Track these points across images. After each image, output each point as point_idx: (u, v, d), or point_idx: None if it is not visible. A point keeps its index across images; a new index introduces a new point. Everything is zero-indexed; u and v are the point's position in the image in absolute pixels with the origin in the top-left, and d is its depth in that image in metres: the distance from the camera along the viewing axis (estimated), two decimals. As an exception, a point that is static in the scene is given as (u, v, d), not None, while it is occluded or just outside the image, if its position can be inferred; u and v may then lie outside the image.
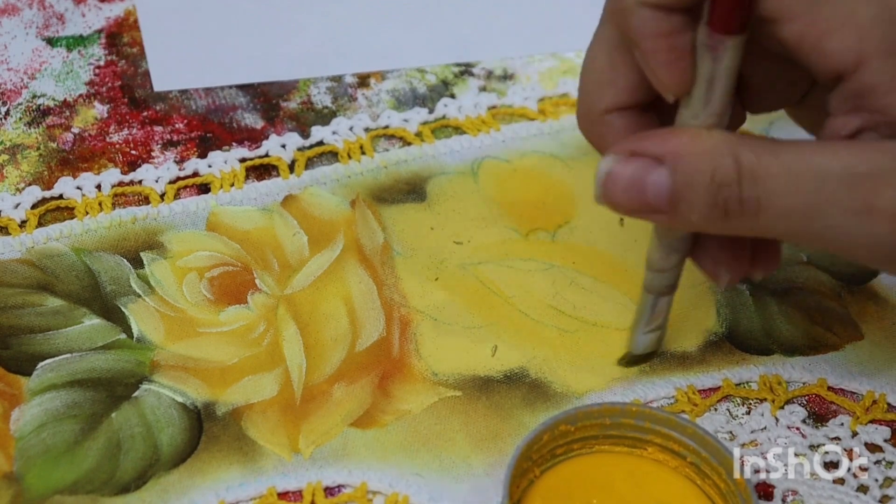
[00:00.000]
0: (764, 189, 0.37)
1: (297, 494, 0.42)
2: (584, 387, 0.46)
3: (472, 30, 0.62)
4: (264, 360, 0.46)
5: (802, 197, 0.36)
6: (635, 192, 0.38)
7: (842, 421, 0.45)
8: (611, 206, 0.39)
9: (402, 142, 0.55)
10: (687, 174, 0.37)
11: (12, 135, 0.54)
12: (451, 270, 0.50)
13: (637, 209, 0.39)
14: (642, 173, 0.38)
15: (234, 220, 0.51)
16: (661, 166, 0.38)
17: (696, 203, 0.37)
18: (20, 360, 0.45)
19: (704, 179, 0.37)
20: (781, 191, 0.36)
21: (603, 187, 0.39)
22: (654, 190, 0.38)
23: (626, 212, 0.39)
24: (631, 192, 0.38)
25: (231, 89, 0.57)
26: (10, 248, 0.49)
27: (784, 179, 0.36)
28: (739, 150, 0.37)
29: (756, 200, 0.37)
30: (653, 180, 0.38)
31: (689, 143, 0.38)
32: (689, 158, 0.37)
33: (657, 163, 0.38)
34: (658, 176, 0.38)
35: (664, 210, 0.38)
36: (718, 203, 0.37)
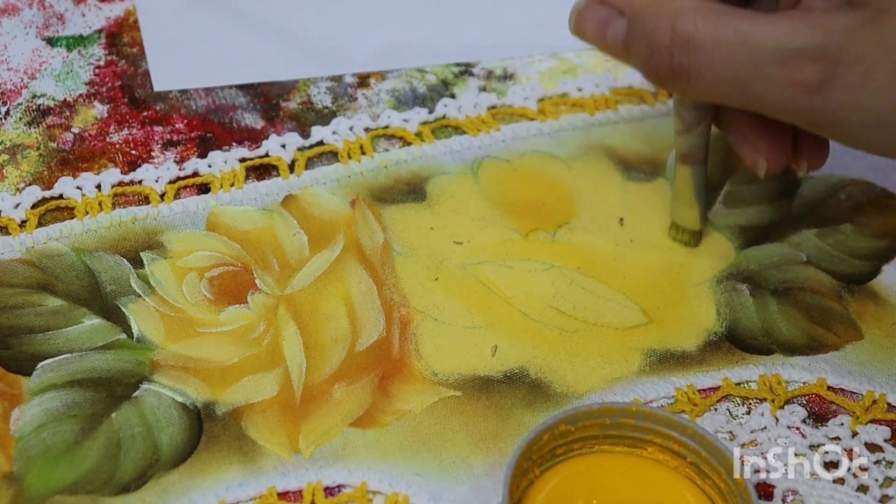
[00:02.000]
0: (695, 58, 0.40)
1: (297, 494, 0.42)
2: (584, 387, 0.46)
3: (472, 30, 0.61)
4: (264, 360, 0.46)
5: (734, 67, 0.40)
6: (599, 35, 0.43)
7: (842, 421, 0.45)
8: (581, 38, 0.44)
9: (402, 142, 0.55)
10: (633, 32, 0.42)
11: (12, 135, 0.54)
12: (451, 270, 0.50)
13: (602, 48, 0.44)
14: (606, 20, 0.43)
15: (234, 220, 0.51)
16: (622, 18, 0.42)
17: (639, 60, 0.42)
18: (20, 360, 0.45)
19: (643, 42, 0.41)
20: (713, 61, 0.40)
21: (574, 22, 0.44)
22: (612, 38, 0.43)
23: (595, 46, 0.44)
24: (596, 34, 0.43)
25: (231, 89, 0.57)
26: (10, 248, 0.49)
27: (717, 51, 0.40)
28: (679, 18, 0.40)
29: (686, 68, 0.40)
30: (612, 29, 0.43)
31: (646, 3, 0.42)
32: (637, 18, 0.42)
33: (619, 14, 0.42)
34: (617, 27, 0.43)
35: (622, 55, 0.43)
36: (653, 65, 0.41)
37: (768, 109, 0.41)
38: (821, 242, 0.52)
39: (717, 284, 0.50)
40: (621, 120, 0.57)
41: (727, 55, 0.40)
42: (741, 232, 0.52)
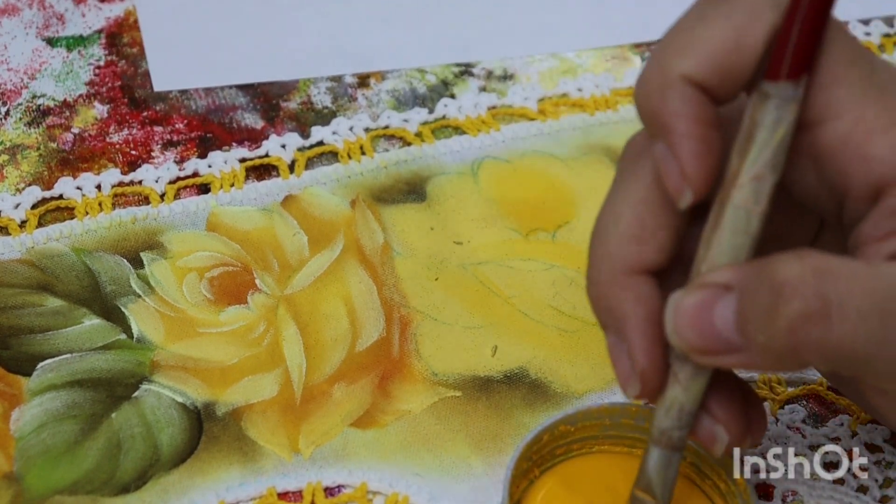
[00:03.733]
0: (835, 287, 0.33)
1: (297, 494, 0.42)
2: (584, 387, 0.46)
3: (472, 30, 0.61)
4: (264, 360, 0.46)
5: (878, 300, 0.33)
6: (703, 322, 0.35)
7: (842, 421, 0.45)
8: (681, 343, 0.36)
9: (402, 142, 0.55)
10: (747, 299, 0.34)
11: (12, 135, 0.54)
12: (451, 270, 0.50)
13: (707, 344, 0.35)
14: (710, 301, 0.35)
15: (234, 220, 0.51)
16: (729, 293, 0.35)
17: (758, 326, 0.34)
18: (20, 360, 0.45)
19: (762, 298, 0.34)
20: (853, 291, 0.33)
21: (673, 323, 0.36)
22: (721, 318, 0.35)
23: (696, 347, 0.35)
24: (699, 322, 0.35)
25: (231, 89, 0.57)
26: (10, 248, 0.49)
27: (856, 281, 0.33)
28: (807, 255, 0.34)
29: (825, 300, 0.33)
30: (720, 308, 0.35)
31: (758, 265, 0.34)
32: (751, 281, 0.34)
33: (726, 290, 0.35)
34: (725, 302, 0.35)
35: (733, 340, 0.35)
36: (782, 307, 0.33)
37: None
38: (821, 242, 0.52)
39: (717, 284, 0.50)
40: (621, 120, 0.57)
41: (869, 286, 0.33)
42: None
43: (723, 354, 0.35)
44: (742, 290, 0.34)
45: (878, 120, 0.35)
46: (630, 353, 0.37)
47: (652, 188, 0.37)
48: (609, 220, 0.38)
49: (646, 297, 0.37)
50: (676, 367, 0.37)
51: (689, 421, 0.37)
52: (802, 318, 0.33)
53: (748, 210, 0.35)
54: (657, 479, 0.38)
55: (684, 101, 0.35)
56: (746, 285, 0.34)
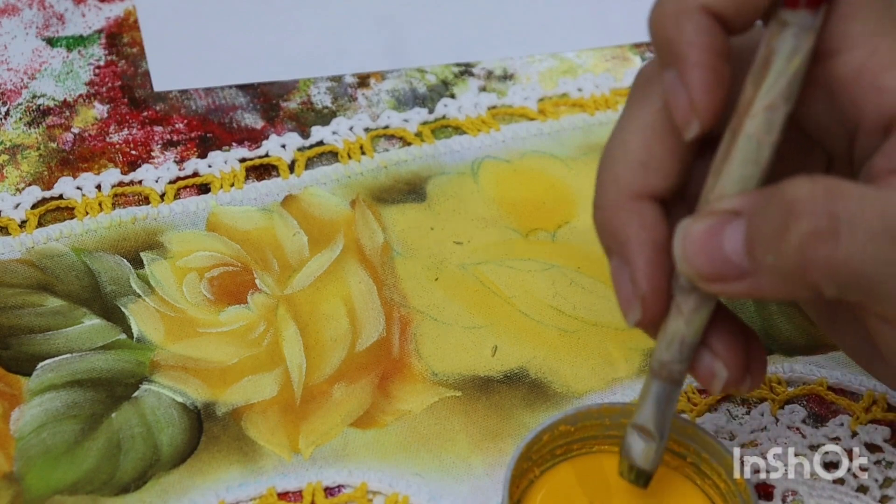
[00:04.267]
0: (845, 207, 0.33)
1: (297, 495, 0.42)
2: (584, 387, 0.46)
3: (472, 30, 0.61)
4: (264, 360, 0.46)
5: (890, 221, 0.33)
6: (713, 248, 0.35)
7: (842, 421, 0.45)
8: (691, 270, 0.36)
9: (402, 142, 0.55)
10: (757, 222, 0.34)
11: (12, 135, 0.54)
12: (451, 270, 0.50)
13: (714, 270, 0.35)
14: (719, 227, 0.35)
15: (234, 220, 0.51)
16: (738, 218, 0.35)
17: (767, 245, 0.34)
18: (20, 360, 0.45)
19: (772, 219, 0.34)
20: (864, 212, 0.33)
21: (682, 249, 0.36)
22: (731, 244, 0.35)
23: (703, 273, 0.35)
24: (708, 248, 0.35)
25: (231, 89, 0.57)
26: (10, 248, 0.49)
27: (867, 202, 0.33)
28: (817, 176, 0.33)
29: (835, 219, 0.33)
30: (729, 233, 0.35)
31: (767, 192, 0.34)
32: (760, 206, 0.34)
33: (735, 215, 0.35)
34: (734, 227, 0.35)
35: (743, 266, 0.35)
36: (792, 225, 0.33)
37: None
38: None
39: (717, 284, 0.50)
40: (621, 120, 0.57)
41: (880, 207, 0.32)
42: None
43: (731, 281, 0.35)
44: (751, 214, 0.34)
45: (893, 52, 0.35)
46: (632, 277, 0.37)
47: (660, 115, 0.37)
48: (617, 145, 0.38)
49: (651, 223, 0.37)
50: (680, 299, 0.37)
51: (689, 354, 0.37)
52: (812, 235, 0.33)
53: (759, 140, 0.35)
54: (656, 414, 0.38)
55: (699, 29, 0.35)
56: (756, 209, 0.34)
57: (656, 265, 0.37)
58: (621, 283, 0.38)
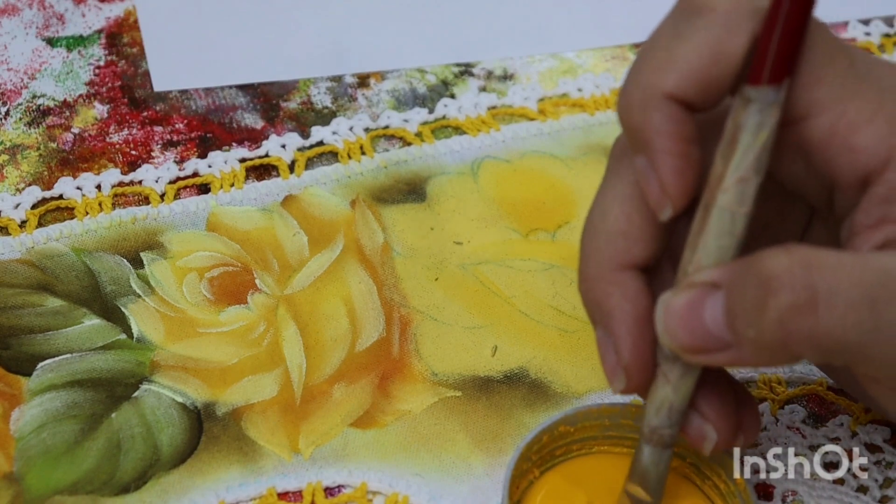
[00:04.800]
0: (822, 278, 0.33)
1: (297, 495, 0.42)
2: (584, 387, 0.46)
3: (472, 30, 0.61)
4: (264, 360, 0.46)
5: (867, 290, 0.33)
6: (694, 321, 0.35)
7: (842, 421, 0.45)
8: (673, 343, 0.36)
9: (402, 142, 0.55)
10: (735, 294, 0.34)
11: (12, 135, 0.54)
12: (451, 270, 0.50)
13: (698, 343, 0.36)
14: (699, 300, 0.35)
15: (234, 221, 0.51)
16: (717, 291, 0.35)
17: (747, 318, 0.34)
18: (20, 360, 0.45)
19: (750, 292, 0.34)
20: (841, 282, 0.33)
21: (663, 324, 0.36)
22: (711, 316, 0.35)
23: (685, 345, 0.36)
24: (689, 321, 0.35)
25: (231, 89, 0.57)
26: (10, 248, 0.49)
27: (843, 271, 0.33)
28: (793, 248, 0.34)
29: (812, 291, 0.33)
30: (710, 305, 0.35)
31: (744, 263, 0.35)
32: (738, 278, 0.35)
33: (714, 287, 0.35)
34: (714, 300, 0.35)
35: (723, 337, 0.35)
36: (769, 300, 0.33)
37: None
38: (821, 243, 0.52)
39: (717, 284, 0.50)
40: (621, 120, 0.57)
41: (858, 276, 0.33)
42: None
43: (714, 352, 0.35)
44: (730, 287, 0.35)
45: (861, 112, 0.36)
46: (616, 348, 0.38)
47: (638, 187, 0.37)
48: (598, 216, 0.39)
49: (633, 294, 0.38)
50: (666, 368, 0.37)
51: (678, 419, 0.38)
52: (791, 309, 0.33)
53: (733, 212, 0.35)
54: (649, 476, 0.39)
55: (665, 118, 0.36)
56: (734, 281, 0.34)
57: (639, 336, 0.37)
58: (606, 353, 0.38)
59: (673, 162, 0.36)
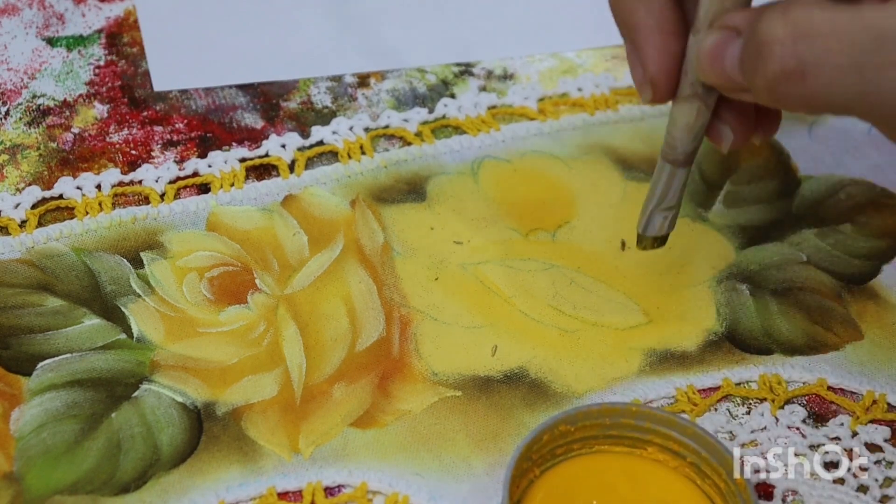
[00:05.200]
0: (812, 47, 0.35)
1: (297, 494, 0.42)
2: (584, 387, 0.46)
3: (472, 30, 0.61)
4: (264, 360, 0.46)
5: (855, 55, 0.35)
6: (718, 63, 0.39)
7: (842, 421, 0.45)
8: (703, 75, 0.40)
9: (402, 142, 0.55)
10: (747, 45, 0.37)
11: (12, 135, 0.54)
12: (451, 270, 0.50)
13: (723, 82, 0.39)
14: (724, 43, 0.38)
15: (234, 220, 0.51)
16: (738, 38, 0.38)
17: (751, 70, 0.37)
18: (20, 360, 0.45)
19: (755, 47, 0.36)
20: (832, 49, 0.35)
21: (698, 61, 0.40)
22: (731, 62, 0.38)
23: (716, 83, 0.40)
24: (714, 63, 0.39)
25: (231, 89, 0.57)
26: (10, 248, 0.49)
27: (836, 37, 0.35)
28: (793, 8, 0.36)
29: (802, 60, 0.35)
30: (730, 51, 0.38)
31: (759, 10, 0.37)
32: (751, 27, 0.37)
33: (737, 34, 0.38)
34: (733, 47, 0.38)
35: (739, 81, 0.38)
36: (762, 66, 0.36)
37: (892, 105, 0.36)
38: (821, 242, 0.52)
39: (717, 284, 0.50)
40: (621, 120, 0.57)
41: (848, 42, 0.35)
42: (741, 232, 0.52)
43: (738, 92, 0.39)
44: (745, 37, 0.37)
45: None
46: (642, 61, 0.41)
47: None
48: None
49: (657, 8, 0.40)
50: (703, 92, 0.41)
51: (700, 136, 0.42)
52: (779, 77, 0.36)
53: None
54: (673, 190, 0.44)
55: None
56: (748, 36, 0.37)
57: (663, 50, 0.40)
58: (634, 66, 0.42)
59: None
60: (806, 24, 0.35)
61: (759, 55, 0.36)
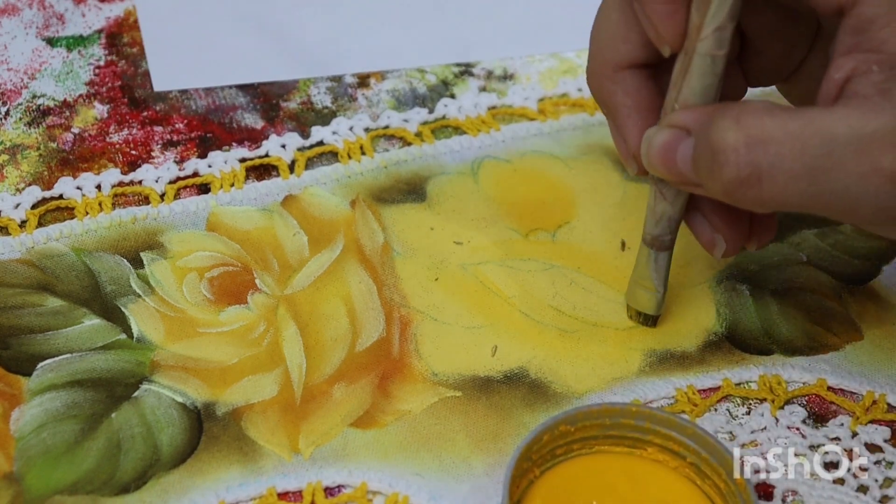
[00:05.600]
0: (765, 154, 0.37)
1: (297, 494, 0.42)
2: (584, 387, 0.46)
3: (472, 30, 0.61)
4: (264, 360, 0.46)
5: (808, 160, 0.36)
6: (668, 161, 0.40)
7: (842, 421, 0.45)
8: (652, 170, 0.41)
9: (402, 142, 0.55)
10: (699, 146, 0.39)
11: (12, 135, 0.54)
12: (451, 270, 0.50)
13: (673, 177, 0.41)
14: (674, 143, 0.40)
15: (234, 220, 0.51)
16: (689, 137, 0.40)
17: (706, 173, 0.38)
18: (20, 360, 0.45)
19: (709, 148, 0.38)
20: (784, 155, 0.36)
21: (646, 154, 0.41)
22: (682, 160, 0.40)
23: (667, 178, 0.41)
24: (664, 161, 0.40)
25: (231, 89, 0.57)
26: (10, 248, 0.49)
27: (788, 144, 0.36)
28: (745, 115, 0.37)
29: (757, 167, 0.37)
30: (681, 151, 0.40)
31: (711, 114, 0.38)
32: (703, 129, 0.38)
33: (687, 133, 0.40)
34: (685, 146, 0.40)
35: (692, 179, 0.40)
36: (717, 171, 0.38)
37: (845, 205, 0.37)
38: (821, 242, 0.52)
39: (717, 284, 0.50)
40: (621, 120, 0.57)
41: (799, 147, 0.36)
42: (741, 232, 0.52)
43: (690, 186, 0.41)
44: (696, 136, 0.39)
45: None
46: (624, 138, 0.43)
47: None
48: (602, 19, 0.43)
49: (634, 89, 0.42)
50: (661, 186, 0.43)
51: (676, 227, 0.44)
52: (735, 183, 0.37)
53: (713, 56, 0.40)
54: (654, 274, 0.45)
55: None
56: (700, 134, 0.39)
57: (643, 127, 0.42)
58: (618, 143, 0.44)
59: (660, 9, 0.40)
60: (759, 132, 0.37)
61: (714, 161, 0.38)
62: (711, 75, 0.40)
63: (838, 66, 0.38)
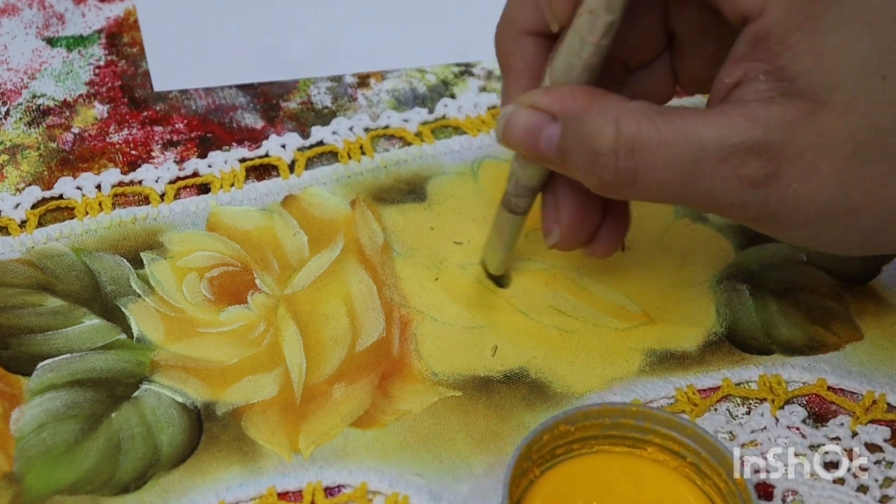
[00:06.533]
0: (641, 160, 0.39)
1: (297, 494, 0.42)
2: (584, 387, 0.46)
3: (472, 30, 0.61)
4: (264, 360, 0.46)
5: (679, 167, 0.38)
6: (530, 143, 0.42)
7: (842, 421, 0.45)
8: (510, 147, 0.43)
9: (402, 142, 0.55)
10: (570, 138, 0.40)
11: (12, 135, 0.54)
12: (451, 270, 0.50)
13: (533, 157, 0.42)
14: (538, 126, 0.41)
15: (234, 220, 0.51)
16: (555, 123, 0.41)
17: (578, 165, 0.40)
18: (20, 360, 0.45)
19: (584, 146, 0.40)
20: (658, 162, 0.39)
21: (502, 130, 0.42)
22: (546, 145, 0.41)
23: (525, 156, 0.43)
24: (527, 142, 0.42)
25: (231, 89, 0.57)
26: (10, 248, 0.49)
27: (662, 151, 0.38)
28: (623, 120, 0.39)
29: (632, 171, 0.39)
30: (545, 136, 0.41)
31: (582, 106, 0.40)
32: (574, 122, 0.40)
33: (552, 119, 0.41)
34: (550, 132, 0.41)
35: (556, 162, 0.41)
36: (595, 170, 0.40)
37: (714, 206, 0.40)
38: (821, 242, 0.52)
39: (717, 284, 0.50)
40: (621, 120, 0.57)
41: (671, 155, 0.38)
42: (741, 232, 0.52)
43: (547, 164, 0.42)
44: (565, 129, 0.41)
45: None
46: (505, 93, 0.44)
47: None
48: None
49: (531, 54, 0.43)
50: None
51: (525, 193, 0.45)
52: (612, 183, 0.40)
53: (582, 37, 0.40)
54: (497, 233, 0.47)
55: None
56: (568, 127, 0.40)
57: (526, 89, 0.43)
58: (503, 103, 0.44)
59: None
60: (635, 137, 0.39)
61: (594, 162, 0.39)
62: (577, 56, 0.41)
63: (729, 71, 0.39)
